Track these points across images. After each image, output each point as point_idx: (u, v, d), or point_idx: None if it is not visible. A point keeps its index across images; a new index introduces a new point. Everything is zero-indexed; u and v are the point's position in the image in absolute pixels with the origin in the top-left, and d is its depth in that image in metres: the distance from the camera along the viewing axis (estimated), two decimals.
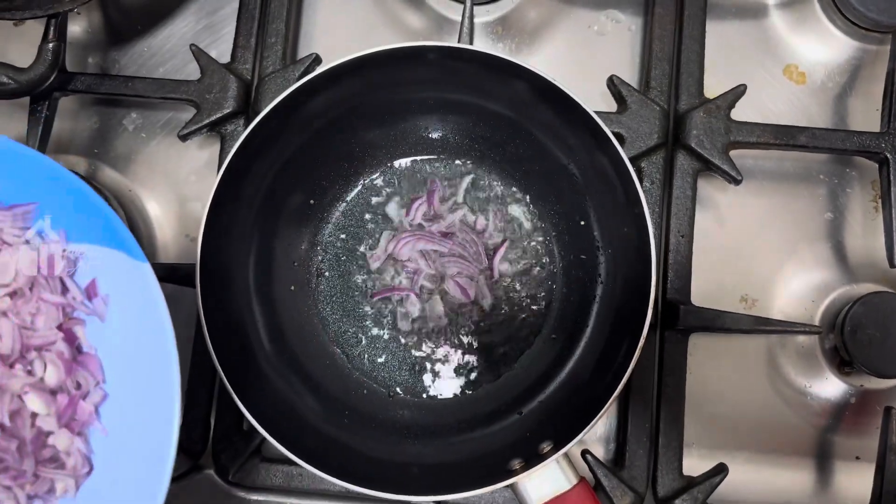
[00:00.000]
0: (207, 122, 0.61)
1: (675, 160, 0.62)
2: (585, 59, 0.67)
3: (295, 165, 0.59)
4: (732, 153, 0.61)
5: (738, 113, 0.62)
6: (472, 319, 0.61)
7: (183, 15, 0.69)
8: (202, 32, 0.68)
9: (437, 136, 0.62)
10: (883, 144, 0.61)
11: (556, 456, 0.50)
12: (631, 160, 0.55)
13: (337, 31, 0.69)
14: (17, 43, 0.68)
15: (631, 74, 0.66)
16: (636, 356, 0.51)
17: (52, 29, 0.59)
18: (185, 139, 0.62)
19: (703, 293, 0.61)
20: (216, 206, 0.53)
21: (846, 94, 0.67)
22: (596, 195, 0.59)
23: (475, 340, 0.61)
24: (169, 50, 0.68)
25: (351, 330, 0.61)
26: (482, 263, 0.61)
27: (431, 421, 0.59)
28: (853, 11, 0.65)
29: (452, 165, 0.63)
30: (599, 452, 0.60)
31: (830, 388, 0.63)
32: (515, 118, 0.59)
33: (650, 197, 0.60)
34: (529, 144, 0.60)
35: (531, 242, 0.62)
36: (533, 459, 0.51)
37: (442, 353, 0.61)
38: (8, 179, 0.48)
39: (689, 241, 0.61)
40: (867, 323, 0.58)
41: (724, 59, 0.66)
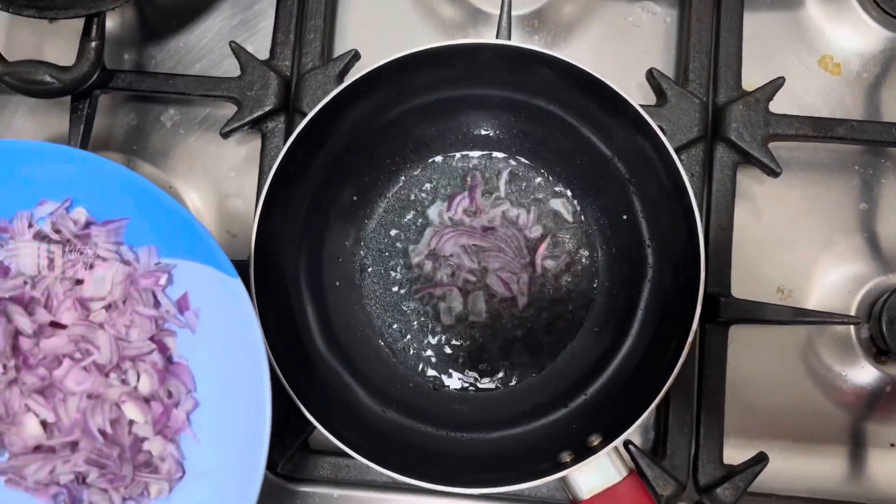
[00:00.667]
0: (249, 119, 0.62)
1: (714, 153, 0.62)
2: (621, 51, 0.68)
3: (342, 164, 0.60)
4: (770, 145, 0.62)
5: (773, 104, 0.62)
6: (514, 313, 0.62)
7: (218, 10, 0.69)
8: (238, 28, 0.68)
9: (479, 132, 0.62)
10: None
11: (606, 449, 0.51)
12: None
13: (372, 24, 0.68)
14: (52, 41, 0.68)
15: (667, 66, 0.66)
16: (685, 351, 0.51)
17: (94, 28, 0.59)
18: (226, 136, 0.62)
19: (739, 284, 0.61)
20: (268, 206, 0.54)
21: (881, 84, 0.67)
22: (641, 188, 0.59)
23: (518, 333, 0.61)
24: (205, 45, 0.68)
25: (395, 325, 0.62)
26: (524, 258, 0.62)
27: (478, 414, 0.59)
28: (888, 2, 0.65)
29: (494, 160, 0.63)
30: (638, 441, 0.61)
31: (866, 376, 0.63)
32: (559, 113, 0.59)
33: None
34: (573, 139, 0.60)
35: (573, 237, 0.62)
36: (583, 452, 0.52)
37: (485, 346, 0.62)
38: (100, 195, 0.49)
39: (728, 233, 0.61)
40: None
41: (759, 49, 0.66)
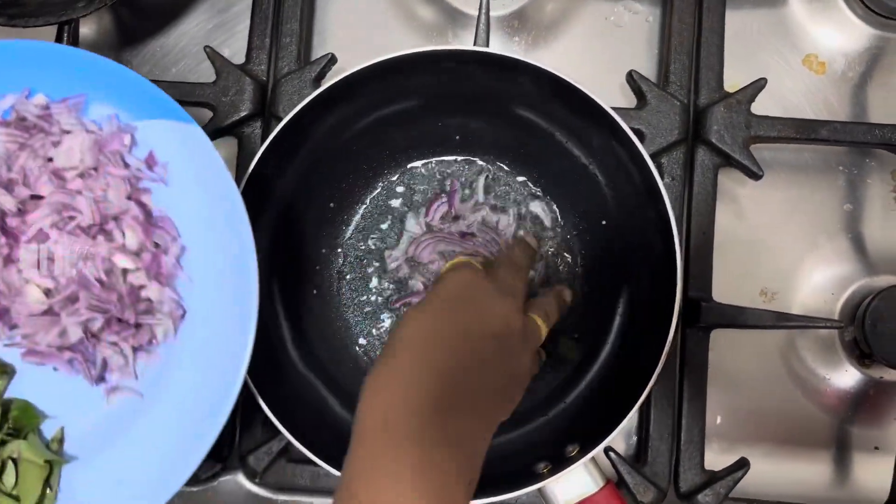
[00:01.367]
0: (225, 124, 0.61)
1: (695, 156, 0.61)
2: (603, 51, 0.67)
3: (318, 169, 0.59)
4: (752, 147, 0.61)
5: (756, 104, 0.61)
6: None
7: (195, 13, 0.68)
8: (214, 31, 0.68)
9: (458, 137, 0.62)
10: None
11: (583, 459, 0.51)
12: (651, 156, 0.55)
13: (350, 27, 0.67)
14: None
15: (649, 66, 0.66)
16: (662, 359, 0.51)
17: (65, 35, 0.59)
18: None
19: (721, 287, 0.61)
20: None
21: (866, 83, 0.66)
22: (618, 193, 0.58)
23: None
24: (181, 49, 0.67)
25: (373, 332, 0.61)
26: None
27: None
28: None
29: (472, 166, 0.62)
30: (620, 447, 0.61)
31: (849, 379, 0.63)
32: (536, 119, 0.59)
33: (671, 193, 0.60)
34: (551, 144, 0.59)
35: (552, 242, 0.62)
36: (560, 462, 0.51)
37: None
38: (54, 76, 0.51)
39: (709, 237, 0.61)
40: (887, 316, 0.58)
41: (742, 48, 0.65)
